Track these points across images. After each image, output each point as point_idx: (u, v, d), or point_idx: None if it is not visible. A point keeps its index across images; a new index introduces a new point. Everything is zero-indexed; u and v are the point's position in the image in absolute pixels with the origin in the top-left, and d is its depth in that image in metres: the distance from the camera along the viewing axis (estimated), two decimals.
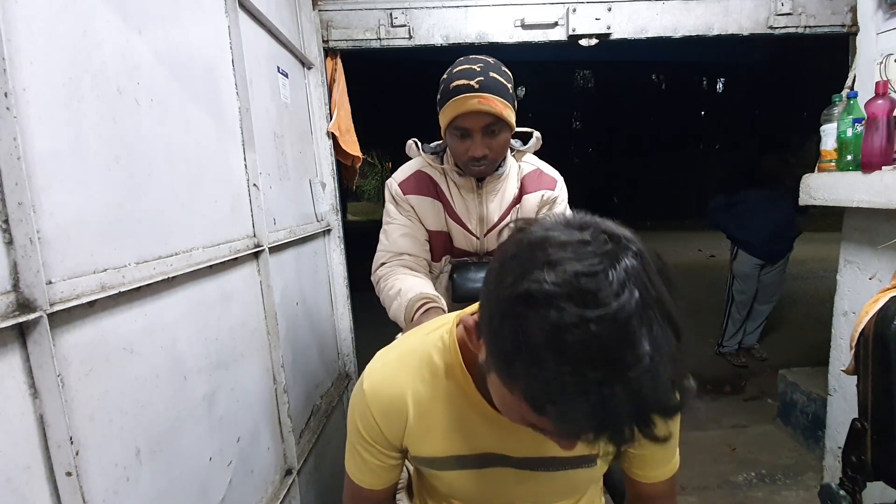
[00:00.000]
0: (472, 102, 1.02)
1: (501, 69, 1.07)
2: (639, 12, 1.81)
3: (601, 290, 0.38)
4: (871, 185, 1.38)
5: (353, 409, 0.68)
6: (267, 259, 1.17)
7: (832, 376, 1.79)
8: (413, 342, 0.70)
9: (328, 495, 1.54)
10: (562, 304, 0.38)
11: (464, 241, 1.24)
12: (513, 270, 0.42)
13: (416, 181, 1.22)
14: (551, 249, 0.41)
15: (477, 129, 1.06)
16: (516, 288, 0.40)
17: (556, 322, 0.37)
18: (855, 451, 0.89)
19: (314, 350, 1.63)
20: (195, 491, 0.85)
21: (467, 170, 1.15)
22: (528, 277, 0.40)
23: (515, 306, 0.40)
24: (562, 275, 0.39)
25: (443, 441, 0.66)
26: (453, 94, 1.04)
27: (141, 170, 0.75)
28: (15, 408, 0.52)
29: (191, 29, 0.92)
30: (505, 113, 1.04)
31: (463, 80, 1.03)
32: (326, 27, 1.80)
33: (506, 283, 0.42)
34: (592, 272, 0.38)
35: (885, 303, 0.87)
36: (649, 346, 0.37)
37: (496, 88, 1.03)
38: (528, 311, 0.39)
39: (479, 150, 1.07)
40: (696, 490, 1.94)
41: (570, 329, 0.37)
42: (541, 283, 0.39)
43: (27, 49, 0.55)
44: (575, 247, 0.40)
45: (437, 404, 0.65)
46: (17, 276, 0.53)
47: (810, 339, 3.39)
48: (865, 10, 1.62)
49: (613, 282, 0.38)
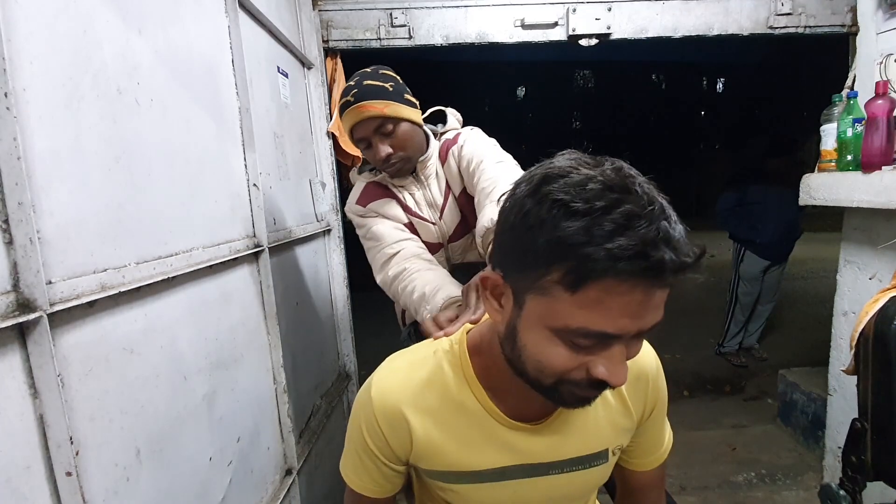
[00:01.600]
0: (353, 114, 1.09)
1: (379, 73, 1.12)
2: (639, 12, 1.81)
3: (604, 161, 0.48)
4: (871, 185, 1.38)
5: (358, 416, 0.65)
6: (267, 259, 1.17)
7: (832, 376, 1.79)
8: (424, 351, 0.68)
9: (328, 495, 1.54)
10: (577, 169, 0.46)
11: (426, 231, 1.25)
12: (524, 184, 0.49)
13: (367, 193, 1.25)
14: (552, 160, 0.50)
15: (370, 134, 1.11)
16: (532, 182, 0.47)
17: (578, 179, 0.45)
18: (855, 451, 0.89)
19: (314, 350, 1.63)
20: (195, 491, 0.85)
21: (389, 173, 1.20)
22: (541, 173, 0.48)
23: (537, 191, 0.46)
24: (567, 162, 0.48)
25: (455, 455, 0.63)
26: (341, 114, 1.12)
27: (141, 170, 0.75)
28: (15, 408, 0.52)
29: (191, 29, 0.92)
30: (388, 110, 1.08)
31: (343, 98, 1.10)
32: (326, 27, 1.80)
33: (519, 193, 0.48)
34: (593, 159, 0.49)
35: (885, 303, 0.87)
36: (655, 192, 0.46)
37: (371, 92, 1.08)
38: (550, 186, 0.45)
39: (382, 152, 1.11)
40: (696, 490, 1.94)
41: (591, 179, 0.44)
42: (554, 166, 0.47)
43: (27, 49, 0.55)
44: (570, 153, 0.50)
45: (448, 416, 0.63)
46: (17, 276, 0.53)
47: (810, 339, 3.39)
48: (865, 10, 1.62)
49: (610, 162, 0.48)
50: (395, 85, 1.12)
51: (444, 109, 1.30)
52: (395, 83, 1.13)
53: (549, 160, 0.50)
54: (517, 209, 0.48)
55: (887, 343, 0.83)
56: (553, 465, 0.65)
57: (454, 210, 1.25)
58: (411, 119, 1.14)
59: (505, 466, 0.64)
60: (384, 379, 0.65)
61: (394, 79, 1.13)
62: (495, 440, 0.63)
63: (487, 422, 0.63)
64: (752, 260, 3.06)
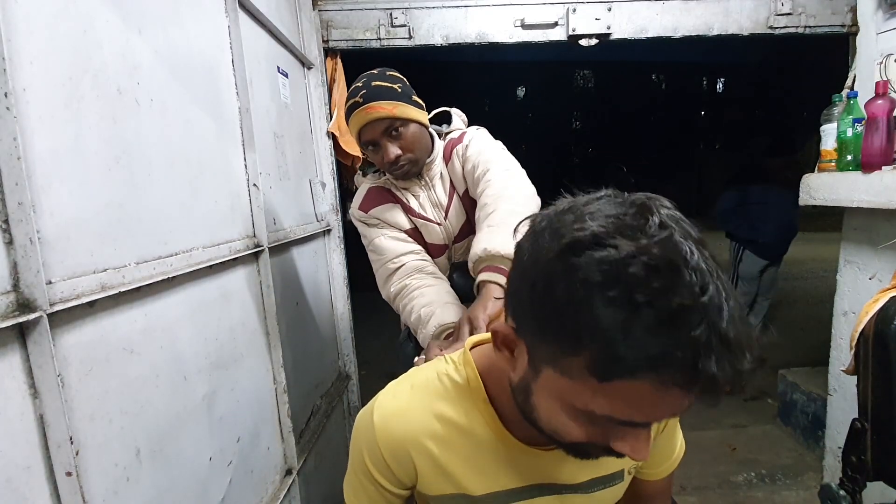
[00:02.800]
0: (361, 115, 1.07)
1: (386, 74, 1.11)
2: (639, 12, 1.81)
3: (647, 224, 0.38)
4: (871, 185, 1.38)
5: (360, 439, 0.62)
6: (267, 259, 1.17)
7: (832, 376, 1.79)
8: (427, 373, 0.65)
9: (328, 495, 1.54)
10: (613, 241, 0.37)
11: (432, 232, 1.25)
12: (549, 235, 0.41)
13: (371, 198, 1.25)
14: (584, 207, 0.41)
15: (378, 136, 1.10)
16: (558, 243, 0.39)
17: (614, 257, 0.36)
18: (855, 451, 0.89)
19: (314, 350, 1.63)
20: (195, 491, 0.85)
21: (395, 175, 1.18)
22: (568, 232, 0.39)
23: (563, 260, 0.38)
24: (604, 219, 0.39)
25: (466, 478, 0.60)
26: (348, 115, 1.11)
27: (141, 170, 0.75)
28: (15, 408, 0.52)
29: (191, 29, 0.92)
30: (397, 111, 1.08)
31: (351, 100, 1.09)
32: (326, 27, 1.80)
33: (543, 247, 0.41)
34: (633, 214, 0.39)
35: (885, 303, 0.87)
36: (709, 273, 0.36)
37: (380, 93, 1.07)
38: (579, 259, 0.37)
39: (390, 153, 1.10)
40: (696, 490, 1.94)
41: (630, 260, 0.36)
42: (585, 229, 0.38)
43: (27, 49, 0.55)
44: (606, 200, 0.41)
45: (456, 441, 0.60)
46: (17, 276, 0.53)
47: (810, 339, 3.39)
48: (865, 10, 1.62)
49: (656, 220, 0.38)
50: (402, 86, 1.12)
51: (450, 110, 1.29)
52: (403, 84, 1.13)
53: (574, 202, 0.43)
54: (541, 270, 0.41)
55: (887, 343, 0.83)
56: (566, 487, 0.62)
57: (459, 209, 1.24)
58: (419, 120, 1.13)
59: (516, 488, 0.61)
60: (387, 405, 0.61)
61: (401, 80, 1.13)
62: (506, 463, 0.60)
63: (498, 446, 0.60)
64: (752, 260, 3.07)
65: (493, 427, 0.59)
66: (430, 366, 0.67)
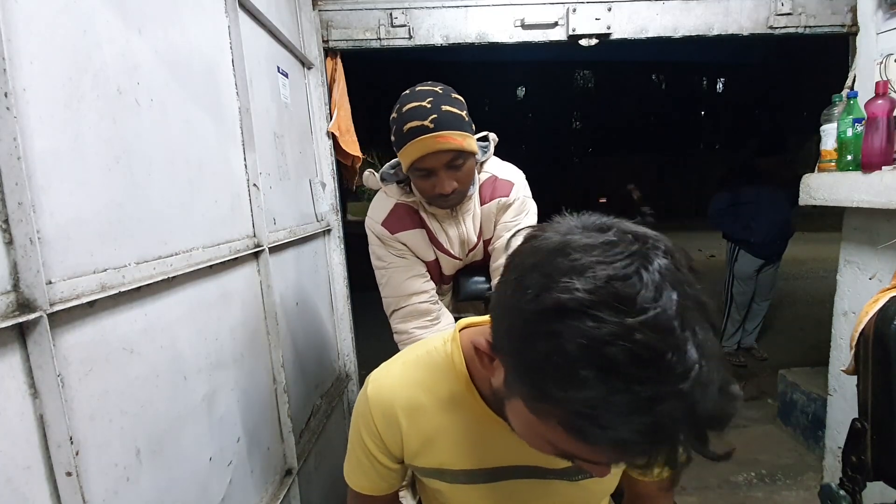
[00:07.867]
0: (429, 143, 0.98)
1: (452, 97, 1.03)
2: (639, 12, 1.81)
3: (638, 293, 0.35)
4: (871, 185, 1.38)
5: (357, 414, 0.68)
6: (267, 259, 1.17)
7: (832, 376, 1.79)
8: (418, 352, 0.68)
9: (328, 495, 1.54)
10: (598, 313, 0.34)
11: (449, 266, 1.24)
12: (535, 281, 0.38)
13: (398, 217, 1.16)
14: (576, 254, 0.37)
15: (440, 166, 1.01)
16: (543, 300, 0.37)
17: (596, 334, 0.34)
18: (855, 451, 0.89)
19: (314, 350, 1.63)
20: (195, 491, 0.85)
21: (437, 205, 1.11)
22: (554, 287, 0.36)
23: (544, 320, 0.37)
24: (593, 280, 0.35)
25: (448, 453, 0.63)
26: (409, 138, 0.99)
27: (141, 170, 0.74)
28: (15, 408, 0.52)
29: (191, 29, 0.92)
30: (465, 144, 1.01)
31: (416, 122, 0.98)
32: (326, 27, 1.80)
33: (528, 295, 0.38)
34: (625, 275, 0.35)
35: (885, 303, 0.87)
36: (696, 353, 0.35)
37: (451, 122, 0.98)
38: (560, 325, 0.35)
39: (447, 187, 1.03)
40: (696, 490, 1.94)
41: (612, 340, 0.34)
42: (571, 291, 0.35)
43: (27, 49, 0.55)
44: (601, 249, 0.37)
45: (441, 415, 0.63)
46: (17, 276, 0.53)
47: (810, 339, 3.39)
48: (865, 10, 1.62)
49: (649, 284, 0.35)
50: (467, 113, 1.04)
51: (488, 135, 1.21)
52: (466, 110, 1.04)
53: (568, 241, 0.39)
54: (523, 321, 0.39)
55: (887, 343, 0.83)
56: (551, 472, 0.63)
57: (481, 251, 1.23)
58: (475, 153, 1.06)
59: (499, 467, 0.63)
60: (380, 377, 0.67)
61: (464, 104, 1.05)
62: (491, 442, 0.62)
63: (483, 422, 0.62)
64: (747, 259, 3.09)
65: (476, 407, 0.62)
66: (421, 344, 0.71)
